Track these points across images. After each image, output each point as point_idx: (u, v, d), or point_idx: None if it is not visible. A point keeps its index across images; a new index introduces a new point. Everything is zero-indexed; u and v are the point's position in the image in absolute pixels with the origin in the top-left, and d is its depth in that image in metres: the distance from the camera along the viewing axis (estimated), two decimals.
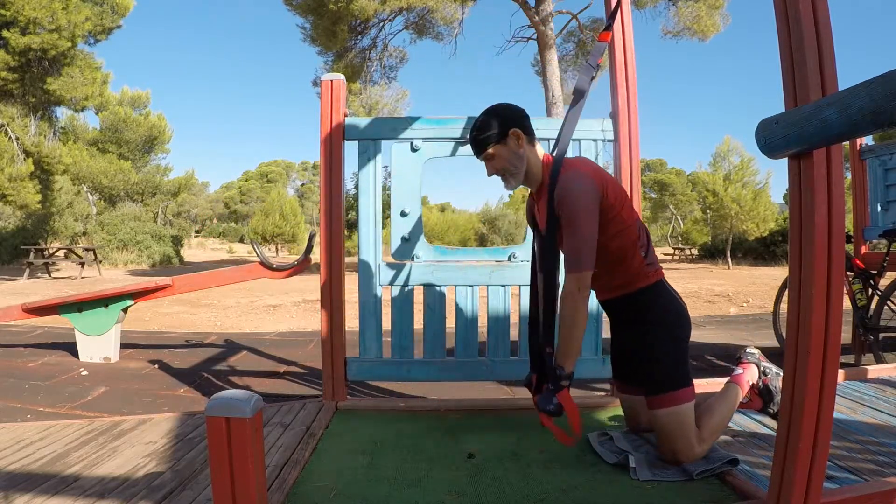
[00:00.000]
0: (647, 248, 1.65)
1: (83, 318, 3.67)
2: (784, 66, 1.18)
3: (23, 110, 12.14)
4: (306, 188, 50.38)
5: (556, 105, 11.52)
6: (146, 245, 16.29)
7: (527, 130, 1.64)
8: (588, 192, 1.53)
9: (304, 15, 12.63)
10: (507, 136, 1.61)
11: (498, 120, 1.62)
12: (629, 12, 2.28)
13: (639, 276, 1.63)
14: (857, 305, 3.22)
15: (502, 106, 1.66)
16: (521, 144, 1.62)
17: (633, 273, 1.62)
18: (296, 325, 5.75)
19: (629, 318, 1.67)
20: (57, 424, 2.15)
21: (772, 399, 1.92)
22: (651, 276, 1.64)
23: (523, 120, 1.65)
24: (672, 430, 1.54)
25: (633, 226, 1.62)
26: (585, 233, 1.51)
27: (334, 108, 2.25)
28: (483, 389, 2.89)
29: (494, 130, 1.61)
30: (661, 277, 1.67)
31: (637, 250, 1.62)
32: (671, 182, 30.53)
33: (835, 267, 1.13)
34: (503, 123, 1.61)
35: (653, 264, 1.65)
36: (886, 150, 3.37)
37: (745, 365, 1.93)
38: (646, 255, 1.63)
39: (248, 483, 1.06)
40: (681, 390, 1.56)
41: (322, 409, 2.14)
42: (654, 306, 1.63)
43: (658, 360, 1.59)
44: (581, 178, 1.54)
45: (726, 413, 1.68)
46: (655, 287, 1.64)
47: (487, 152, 1.64)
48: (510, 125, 1.61)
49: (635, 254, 1.62)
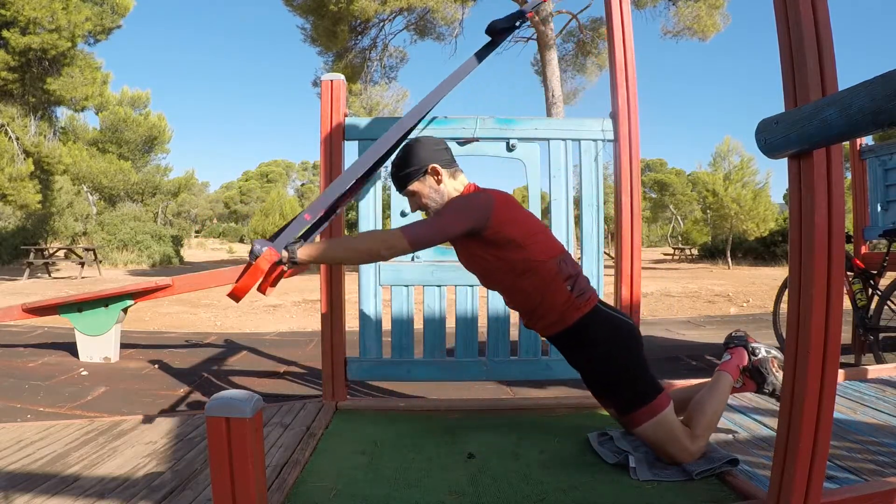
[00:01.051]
0: (575, 280, 1.60)
1: (83, 318, 3.67)
2: (784, 66, 1.18)
3: (23, 110, 12.14)
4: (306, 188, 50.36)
5: (556, 105, 11.51)
6: (146, 245, 16.29)
7: (445, 163, 1.64)
8: (468, 202, 1.54)
9: (305, 15, 12.62)
10: (425, 172, 1.62)
11: (416, 157, 1.63)
12: (629, 12, 2.28)
13: (570, 310, 1.59)
14: (857, 305, 3.22)
15: (419, 142, 1.66)
16: (439, 179, 1.63)
17: (563, 308, 1.58)
18: (296, 325, 5.75)
19: (577, 352, 1.64)
20: (57, 424, 2.15)
21: (764, 379, 1.83)
22: (584, 307, 1.59)
23: (441, 153, 1.65)
24: (659, 440, 1.53)
25: (550, 261, 1.58)
26: (439, 223, 1.50)
27: (334, 108, 2.25)
28: (483, 389, 2.88)
29: (413, 167, 1.62)
30: (595, 303, 1.63)
31: (560, 285, 1.58)
32: (671, 182, 30.53)
33: (835, 267, 1.13)
34: (421, 160, 1.62)
35: (583, 294, 1.61)
36: (886, 150, 3.37)
37: (733, 350, 1.87)
38: (573, 288, 1.59)
39: (248, 483, 1.06)
40: (651, 402, 1.54)
41: (322, 409, 2.14)
42: (597, 336, 1.59)
43: (618, 384, 1.58)
44: (473, 195, 1.58)
45: (718, 406, 1.65)
46: (592, 316, 1.60)
47: (408, 189, 1.65)
48: (428, 161, 1.62)
49: (559, 289, 1.58)
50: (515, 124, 2.30)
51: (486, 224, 1.52)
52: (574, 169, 2.32)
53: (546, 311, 1.60)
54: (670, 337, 4.71)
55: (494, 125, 2.29)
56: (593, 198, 2.29)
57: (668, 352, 3.99)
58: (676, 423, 1.56)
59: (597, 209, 2.29)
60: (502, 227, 1.54)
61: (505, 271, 1.59)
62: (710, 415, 1.61)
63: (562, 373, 2.28)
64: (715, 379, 1.75)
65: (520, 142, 2.30)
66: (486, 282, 1.72)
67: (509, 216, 1.56)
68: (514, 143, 2.30)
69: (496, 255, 1.57)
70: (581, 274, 1.66)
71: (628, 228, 2.22)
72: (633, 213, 2.22)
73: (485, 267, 1.63)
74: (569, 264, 1.63)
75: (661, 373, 3.28)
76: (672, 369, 3.37)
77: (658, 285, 9.73)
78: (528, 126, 2.31)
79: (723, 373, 1.77)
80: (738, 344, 1.87)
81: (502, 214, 1.54)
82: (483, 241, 1.56)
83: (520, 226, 1.57)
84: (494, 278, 1.65)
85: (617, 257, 2.25)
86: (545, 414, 2.07)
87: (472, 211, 1.52)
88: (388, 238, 1.47)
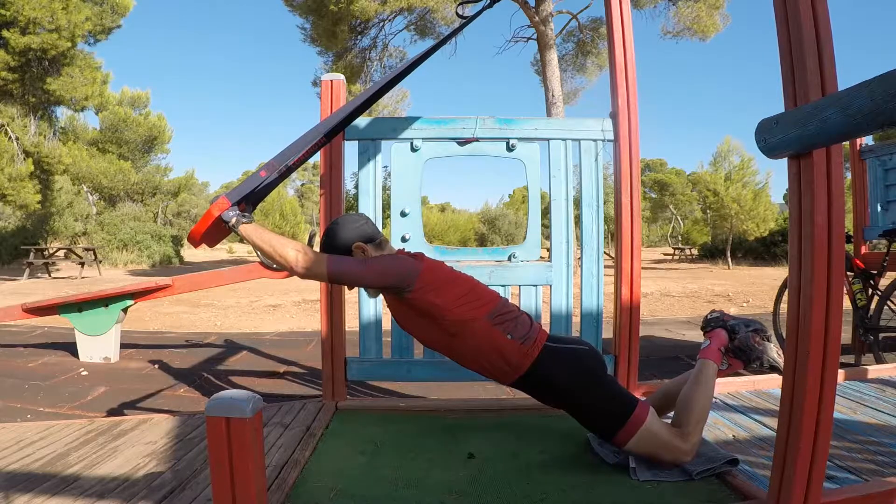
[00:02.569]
0: (514, 327, 1.59)
1: (83, 318, 3.67)
2: (784, 66, 1.18)
3: (23, 110, 12.14)
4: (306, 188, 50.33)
5: (556, 105, 11.50)
6: (146, 245, 16.29)
7: (369, 238, 1.66)
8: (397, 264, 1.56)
9: (305, 15, 12.62)
10: (350, 252, 1.64)
11: (340, 238, 1.65)
12: (629, 12, 2.28)
13: (520, 357, 1.57)
14: (857, 305, 3.22)
15: (339, 224, 1.68)
16: (366, 254, 1.64)
17: (512, 357, 1.57)
18: (296, 325, 5.75)
19: (543, 393, 1.63)
20: (57, 424, 2.15)
21: (748, 357, 1.77)
22: (532, 351, 1.57)
23: (361, 228, 1.67)
24: (651, 450, 1.53)
25: (481, 318, 1.57)
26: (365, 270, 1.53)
27: (334, 107, 2.25)
28: (483, 389, 2.88)
29: (339, 251, 1.63)
30: (544, 342, 1.60)
31: (500, 338, 1.57)
32: (671, 182, 30.50)
33: (835, 267, 1.13)
34: (346, 240, 1.64)
35: (528, 338, 1.58)
36: (886, 150, 3.37)
37: (711, 334, 1.81)
38: (513, 336, 1.57)
39: (248, 483, 1.06)
40: (630, 419, 1.52)
41: (322, 409, 2.14)
42: (554, 374, 1.57)
43: (594, 412, 1.57)
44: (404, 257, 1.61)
45: (705, 397, 1.62)
46: (544, 357, 1.58)
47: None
48: (351, 241, 1.64)
49: (501, 342, 1.57)
50: (515, 124, 2.30)
51: (409, 287, 1.55)
52: (574, 169, 2.32)
53: (494, 365, 1.59)
54: (670, 337, 4.71)
55: (494, 125, 2.29)
56: (593, 198, 2.29)
57: (668, 352, 4.00)
58: (662, 429, 1.54)
59: (597, 209, 2.29)
60: (426, 294, 1.55)
61: (438, 333, 1.61)
62: (698, 408, 1.58)
63: None
64: (698, 369, 1.69)
65: (520, 142, 2.30)
66: (425, 344, 1.75)
67: (434, 283, 1.57)
68: (514, 143, 2.30)
69: (423, 317, 1.60)
70: (521, 317, 1.64)
71: (628, 228, 2.22)
72: (633, 213, 2.22)
73: (419, 328, 1.65)
74: (504, 313, 1.61)
75: (661, 373, 3.30)
76: (672, 369, 3.37)
77: (658, 285, 9.73)
78: (528, 126, 2.30)
79: (705, 361, 1.71)
80: (715, 326, 1.82)
81: (428, 280, 1.57)
82: (406, 304, 1.59)
83: (444, 292, 1.57)
84: (430, 339, 1.67)
85: (617, 257, 2.25)
86: (545, 414, 2.07)
87: (398, 271, 1.55)
88: (313, 261, 1.49)
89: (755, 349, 1.75)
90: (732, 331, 1.78)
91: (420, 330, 1.66)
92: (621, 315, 2.19)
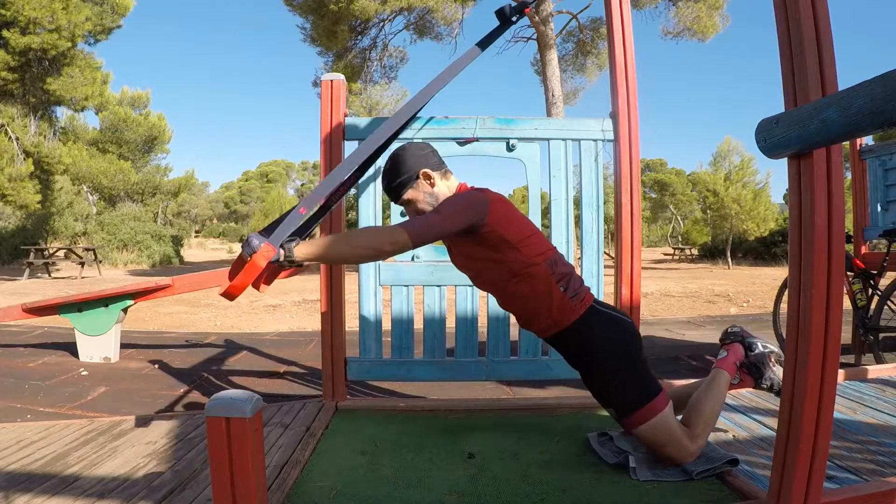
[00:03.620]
0: (568, 281, 1.58)
1: (83, 318, 3.67)
2: (784, 66, 1.18)
3: (23, 110, 12.14)
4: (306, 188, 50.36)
5: (556, 105, 11.50)
6: (146, 245, 16.29)
7: (434, 166, 1.63)
8: (465, 200, 1.52)
9: (305, 15, 12.62)
10: (417, 178, 1.61)
11: (404, 165, 1.61)
12: (629, 12, 2.28)
13: (565, 312, 1.57)
14: (857, 305, 3.22)
15: (405, 149, 1.64)
16: (432, 183, 1.62)
17: (558, 311, 1.57)
18: (296, 325, 5.75)
19: (575, 353, 1.63)
20: (57, 424, 2.15)
21: (761, 374, 1.80)
22: (579, 308, 1.57)
23: (428, 157, 1.64)
24: (658, 441, 1.53)
25: (543, 263, 1.56)
26: (437, 219, 1.47)
27: (334, 108, 2.25)
28: (483, 389, 2.88)
29: (404, 176, 1.61)
30: (591, 303, 1.61)
31: (553, 288, 1.56)
32: (671, 182, 30.50)
33: (835, 267, 1.13)
34: (410, 167, 1.61)
35: (577, 295, 1.58)
36: (886, 150, 3.37)
37: (729, 346, 1.84)
38: (566, 289, 1.57)
39: (248, 483, 1.06)
40: (650, 403, 1.52)
41: (322, 409, 2.14)
42: (594, 336, 1.57)
43: (618, 386, 1.56)
44: (469, 193, 1.56)
45: (716, 404, 1.64)
46: (588, 317, 1.58)
47: (403, 198, 1.64)
48: (417, 167, 1.61)
49: (552, 292, 1.56)
50: (515, 124, 2.30)
51: (483, 221, 1.51)
52: (574, 169, 2.32)
53: (540, 313, 1.59)
54: (670, 337, 4.71)
55: (494, 125, 2.29)
56: (593, 198, 2.29)
57: (668, 352, 4.00)
58: (675, 423, 1.55)
59: (597, 209, 2.29)
60: (498, 226, 1.52)
61: (498, 273, 1.58)
62: (708, 413, 1.60)
63: (562, 373, 2.27)
64: (712, 377, 1.73)
65: (520, 142, 2.30)
66: (478, 283, 1.71)
67: (505, 215, 1.55)
68: (514, 143, 2.30)
69: (490, 255, 1.56)
70: (574, 274, 1.64)
71: (628, 228, 2.22)
72: (633, 213, 2.22)
73: (478, 268, 1.63)
74: (560, 265, 1.60)
75: (661, 373, 3.29)
76: (672, 369, 3.37)
77: (658, 285, 9.73)
78: (528, 126, 2.30)
79: (720, 370, 1.75)
80: (734, 339, 1.84)
81: (499, 212, 1.53)
82: (477, 241, 1.55)
83: (514, 226, 1.56)
84: (487, 279, 1.64)
85: (617, 257, 2.25)
86: (545, 414, 2.07)
87: (471, 207, 1.51)
88: (391, 233, 1.42)
89: (768, 369, 1.78)
90: (749, 347, 1.81)
91: (479, 268, 1.62)
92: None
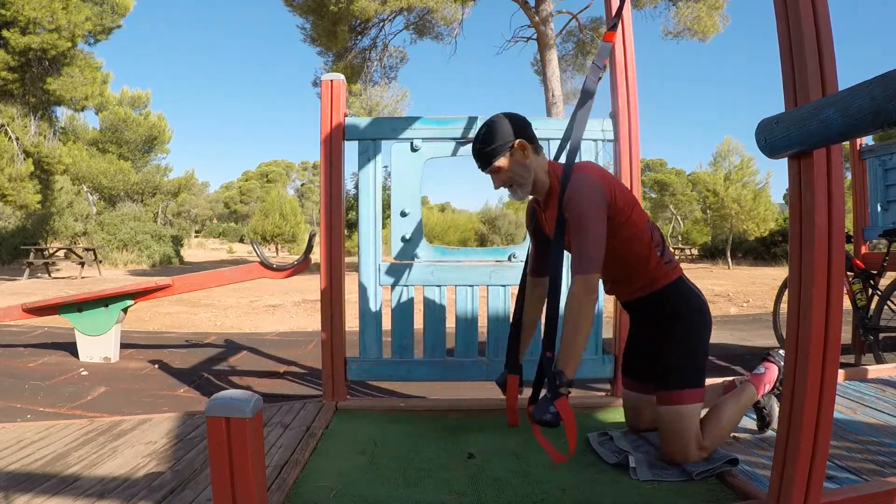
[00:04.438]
0: (663, 248, 1.65)
1: (83, 318, 3.67)
2: (784, 66, 1.18)
3: (23, 110, 12.14)
4: (306, 188, 50.39)
5: (556, 105, 11.51)
6: (146, 245, 16.29)
7: (531, 139, 1.62)
8: (596, 194, 1.51)
9: (305, 15, 12.62)
10: (513, 147, 1.59)
11: (502, 131, 1.59)
12: (629, 12, 2.28)
13: (658, 276, 1.63)
14: (857, 305, 3.22)
15: (505, 116, 1.63)
16: (527, 154, 1.60)
17: (652, 274, 1.63)
18: (296, 325, 5.75)
19: (654, 315, 1.66)
20: (57, 424, 2.15)
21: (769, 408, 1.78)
22: (671, 274, 1.64)
23: (527, 129, 1.63)
24: (673, 429, 1.53)
25: (645, 228, 1.62)
26: (593, 234, 1.48)
27: (334, 108, 2.25)
28: (483, 389, 2.88)
29: (500, 143, 1.59)
30: (681, 274, 1.67)
31: (653, 251, 1.62)
32: (671, 182, 30.51)
33: (835, 267, 1.13)
34: (508, 135, 1.59)
35: (670, 262, 1.65)
36: (886, 150, 3.37)
37: (768, 365, 1.81)
38: (662, 255, 1.63)
39: (248, 483, 1.06)
40: (691, 390, 1.55)
41: (322, 409, 2.14)
42: (679, 303, 1.63)
43: (679, 356, 1.58)
44: (590, 181, 1.53)
45: (735, 417, 1.64)
46: (677, 284, 1.64)
47: (494, 165, 1.61)
48: (515, 136, 1.59)
49: (651, 255, 1.62)
50: None
51: (609, 205, 1.53)
52: None
53: (637, 275, 1.64)
54: None
55: None
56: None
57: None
58: (696, 423, 1.55)
59: None
60: (616, 201, 1.55)
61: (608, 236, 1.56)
62: (724, 425, 1.61)
63: None
64: (740, 389, 1.73)
65: None
66: None
67: (616, 188, 1.58)
68: None
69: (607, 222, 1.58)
70: (667, 243, 1.69)
71: None
72: None
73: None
74: (656, 231, 1.66)
75: None
76: None
77: None
78: None
79: (749, 385, 1.74)
80: (776, 361, 1.82)
81: (612, 188, 1.56)
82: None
83: (623, 195, 1.59)
84: None
85: None
86: None
87: (602, 205, 1.51)
88: (586, 287, 1.46)
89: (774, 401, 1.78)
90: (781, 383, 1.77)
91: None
92: (621, 315, 2.19)
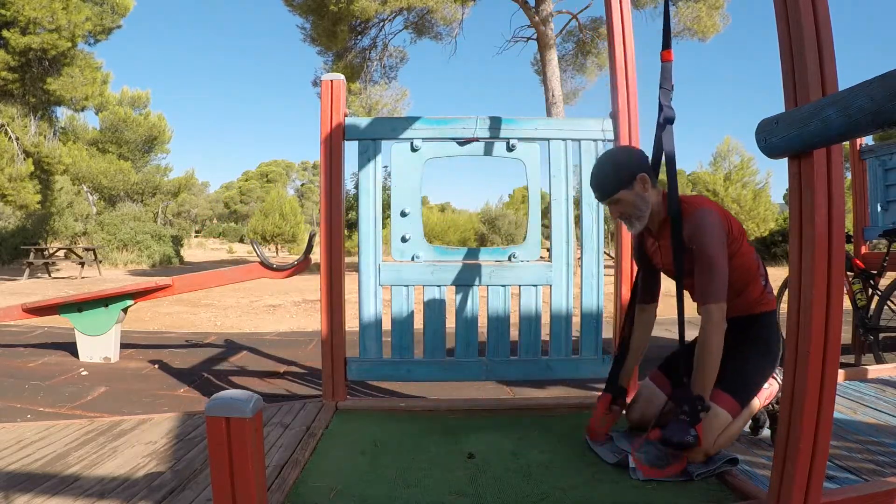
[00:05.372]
0: (766, 277, 1.73)
1: (83, 318, 3.67)
2: (784, 66, 1.18)
3: (23, 110, 12.14)
4: (306, 188, 50.41)
5: (556, 105, 11.50)
6: (146, 245, 16.28)
7: (650, 173, 1.66)
8: (719, 227, 1.58)
9: (305, 15, 12.62)
10: (634, 181, 1.62)
11: (626, 165, 1.64)
12: (629, 12, 2.28)
13: (759, 302, 1.70)
14: (857, 305, 3.21)
15: (628, 151, 1.72)
16: (646, 188, 1.63)
17: (755, 299, 1.69)
18: (296, 325, 5.75)
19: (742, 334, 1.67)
20: (57, 424, 2.14)
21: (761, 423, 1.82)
22: (771, 303, 1.72)
23: (647, 164, 1.67)
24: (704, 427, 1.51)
25: (752, 256, 1.69)
26: (719, 266, 1.54)
27: (334, 108, 2.25)
28: (483, 389, 2.88)
29: (625, 175, 1.63)
30: (776, 307, 1.73)
31: (758, 279, 1.69)
32: None
33: (835, 267, 1.13)
34: (633, 168, 1.63)
35: (771, 292, 1.73)
36: (886, 150, 3.37)
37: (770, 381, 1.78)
38: (765, 284, 1.71)
39: (248, 483, 1.06)
40: (731, 397, 1.57)
41: (322, 409, 2.14)
42: (769, 331, 1.69)
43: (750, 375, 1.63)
44: (711, 215, 1.59)
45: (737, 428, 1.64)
46: (771, 315, 1.72)
47: (614, 197, 1.65)
48: (638, 170, 1.63)
49: (756, 282, 1.69)
50: (515, 124, 2.30)
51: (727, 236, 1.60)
52: (574, 169, 2.32)
53: (741, 298, 1.68)
54: (670, 337, 4.70)
55: (494, 125, 2.29)
56: (593, 198, 2.29)
57: (668, 351, 3.98)
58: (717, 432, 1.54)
59: (597, 209, 2.29)
60: (732, 230, 1.63)
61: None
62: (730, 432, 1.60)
63: (562, 373, 2.28)
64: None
65: (520, 142, 2.30)
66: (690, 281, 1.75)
67: (730, 222, 1.65)
68: (515, 143, 2.30)
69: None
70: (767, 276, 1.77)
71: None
72: None
73: None
74: (761, 262, 1.73)
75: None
76: None
77: None
78: (528, 126, 2.30)
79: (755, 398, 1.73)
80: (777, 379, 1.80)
81: (727, 221, 1.63)
82: None
83: (737, 227, 1.66)
84: None
85: (617, 257, 2.25)
86: (545, 414, 2.07)
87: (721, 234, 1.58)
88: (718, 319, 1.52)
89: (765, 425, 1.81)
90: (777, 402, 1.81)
91: None
92: (621, 315, 2.19)
